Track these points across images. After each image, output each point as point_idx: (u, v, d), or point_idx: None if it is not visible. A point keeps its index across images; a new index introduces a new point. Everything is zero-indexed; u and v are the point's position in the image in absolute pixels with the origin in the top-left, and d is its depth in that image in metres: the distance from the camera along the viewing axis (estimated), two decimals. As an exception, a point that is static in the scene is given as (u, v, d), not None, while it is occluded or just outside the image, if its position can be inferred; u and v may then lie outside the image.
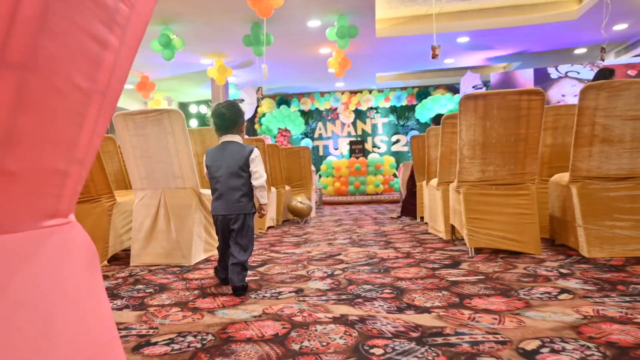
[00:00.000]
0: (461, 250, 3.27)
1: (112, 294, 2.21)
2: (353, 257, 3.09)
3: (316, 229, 5.00)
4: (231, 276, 2.06)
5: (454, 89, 13.58)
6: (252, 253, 3.06)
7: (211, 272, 2.69)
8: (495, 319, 1.64)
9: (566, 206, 3.12)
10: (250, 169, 2.09)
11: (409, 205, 6.07)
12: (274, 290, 2.19)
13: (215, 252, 3.30)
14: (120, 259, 3.21)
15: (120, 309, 1.94)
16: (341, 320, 1.68)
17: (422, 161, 5.67)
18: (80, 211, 2.96)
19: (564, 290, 2.01)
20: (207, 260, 3.06)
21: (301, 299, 2.02)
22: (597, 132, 2.87)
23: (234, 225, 2.10)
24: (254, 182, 2.10)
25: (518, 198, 3.12)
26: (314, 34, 8.38)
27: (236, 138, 2.16)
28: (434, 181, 4.33)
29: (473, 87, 11.60)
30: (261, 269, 2.73)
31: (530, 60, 11.00)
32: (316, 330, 1.57)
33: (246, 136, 4.66)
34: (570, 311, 1.70)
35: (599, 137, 2.87)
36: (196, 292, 2.21)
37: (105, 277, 2.59)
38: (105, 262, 2.95)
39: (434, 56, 6.26)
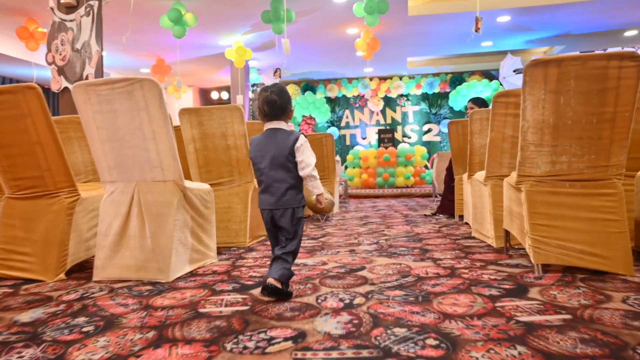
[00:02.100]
0: (521, 265, 2.53)
1: (34, 334, 1.57)
2: (380, 273, 2.39)
3: (337, 229, 4.30)
4: (269, 270, 1.94)
5: (490, 75, 12.79)
6: (256, 262, 2.42)
7: (190, 294, 2.04)
8: None
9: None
10: (295, 159, 1.96)
11: (446, 202, 5.31)
12: (263, 335, 1.51)
13: (209, 262, 2.65)
14: (86, 269, 2.58)
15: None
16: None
17: (463, 151, 4.91)
18: (33, 209, 2.35)
19: None
20: (193, 273, 2.41)
21: (299, 356, 1.34)
22: None
23: (280, 220, 1.97)
24: (300, 173, 1.97)
25: (601, 199, 2.36)
26: (340, 11, 7.64)
27: (282, 125, 2.02)
28: (480, 175, 3.58)
29: (514, 71, 10.74)
30: (255, 291, 2.06)
31: (574, 43, 10.20)
32: None
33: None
34: None
35: None
36: (152, 333, 1.55)
37: (47, 300, 1.97)
38: (62, 276, 2.32)
39: (477, 29, 5.51)
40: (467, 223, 4.44)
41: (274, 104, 1.98)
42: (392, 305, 1.79)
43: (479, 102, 5.21)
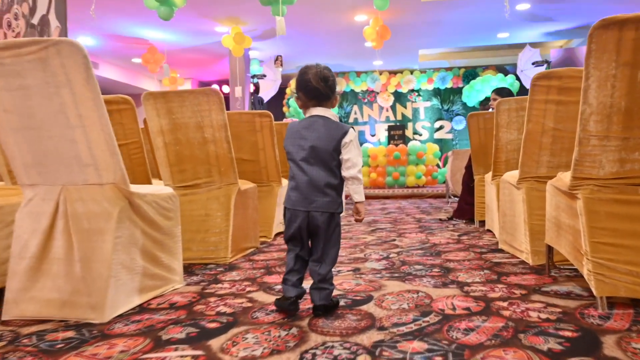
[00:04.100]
0: (574, 293, 1.94)
1: None
2: (392, 308, 1.80)
3: (342, 237, 3.71)
4: (311, 292, 1.75)
5: (504, 70, 12.25)
6: (233, 287, 1.87)
7: (121, 347, 1.46)
8: None
9: None
10: (341, 156, 1.71)
11: (464, 205, 4.70)
12: None
13: (170, 288, 2.07)
14: None
15: None
16: None
17: (484, 148, 4.31)
18: None
19: None
20: (143, 308, 1.83)
21: None
22: None
23: (314, 226, 1.71)
24: (344, 173, 1.73)
25: (688, 210, 1.76)
26: (347, -5, 7.05)
27: (329, 113, 1.77)
28: (511, 175, 2.98)
29: (533, 63, 10.12)
30: (216, 342, 1.47)
31: None
32: None
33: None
34: None
35: None
36: None
37: None
38: (-35, 311, 1.76)
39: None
40: (489, 230, 3.85)
41: (327, 80, 1.71)
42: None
43: (505, 92, 4.61)
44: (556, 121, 2.59)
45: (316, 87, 1.70)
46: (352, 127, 1.76)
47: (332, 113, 1.77)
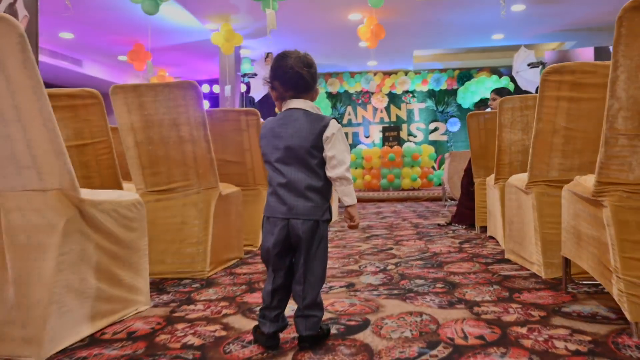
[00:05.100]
0: (600, 315, 1.69)
1: None
2: (392, 336, 1.53)
3: (334, 245, 3.45)
4: (295, 320, 1.44)
5: (498, 72, 12.15)
6: (208, 308, 1.61)
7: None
8: None
9: None
10: (324, 153, 1.44)
11: (464, 209, 4.46)
12: None
13: (132, 312, 1.79)
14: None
15: None
16: None
17: (485, 149, 4.07)
18: None
19: None
20: (94, 338, 1.55)
21: None
22: None
23: (295, 237, 1.42)
24: (329, 173, 1.45)
25: None
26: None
27: (307, 105, 1.50)
28: (518, 179, 2.74)
29: (528, 65, 9.96)
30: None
31: (587, 38, 9.90)
32: None
33: (262, 120, 3.13)
34: None
35: None
36: None
37: None
38: None
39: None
40: (492, 237, 3.61)
41: (310, 67, 1.48)
42: None
43: (505, 92, 4.41)
44: (568, 120, 2.35)
45: (298, 72, 1.45)
46: (335, 118, 1.49)
47: (313, 105, 1.52)
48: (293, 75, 1.46)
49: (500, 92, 4.52)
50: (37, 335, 1.33)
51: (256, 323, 1.49)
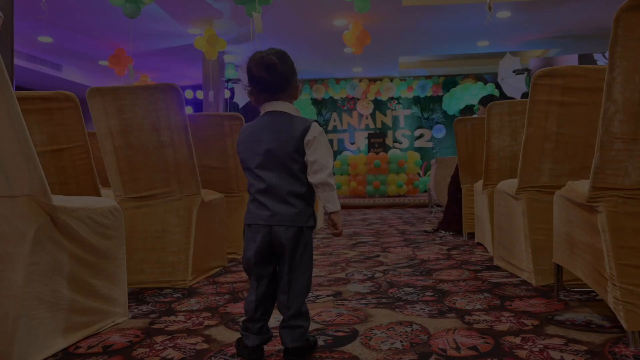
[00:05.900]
0: (593, 323, 1.64)
1: None
2: (382, 349, 1.47)
3: (320, 252, 3.38)
4: (280, 332, 1.37)
5: (483, 79, 12.26)
6: (189, 320, 1.52)
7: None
8: None
9: None
10: (305, 157, 1.37)
11: (451, 216, 4.42)
12: None
13: (109, 324, 1.69)
14: None
15: None
16: None
17: (472, 155, 4.04)
18: None
19: None
20: (68, 353, 1.45)
21: None
22: None
23: (278, 245, 1.36)
24: (311, 178, 1.38)
25: None
26: (326, -2, 6.78)
27: (286, 106, 1.42)
28: (508, 185, 2.70)
29: (514, 71, 10.05)
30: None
31: (570, 45, 10.01)
32: None
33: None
34: None
35: None
36: None
37: None
38: None
39: (490, 8, 4.76)
40: (479, 244, 3.57)
41: (274, 69, 1.36)
42: None
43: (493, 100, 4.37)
44: (559, 125, 2.32)
45: (260, 79, 1.37)
46: (317, 121, 1.41)
47: (291, 107, 1.44)
48: (259, 78, 1.38)
49: (486, 102, 4.51)
50: (5, 351, 1.24)
51: (239, 335, 1.41)
